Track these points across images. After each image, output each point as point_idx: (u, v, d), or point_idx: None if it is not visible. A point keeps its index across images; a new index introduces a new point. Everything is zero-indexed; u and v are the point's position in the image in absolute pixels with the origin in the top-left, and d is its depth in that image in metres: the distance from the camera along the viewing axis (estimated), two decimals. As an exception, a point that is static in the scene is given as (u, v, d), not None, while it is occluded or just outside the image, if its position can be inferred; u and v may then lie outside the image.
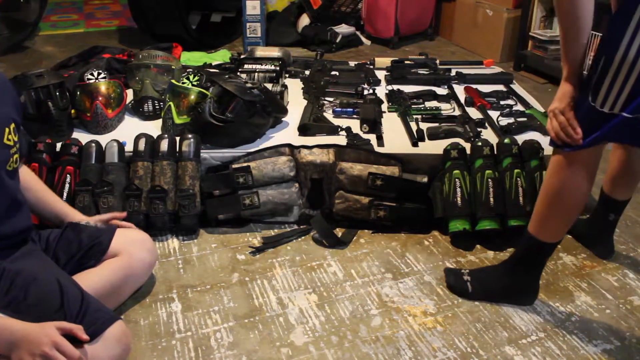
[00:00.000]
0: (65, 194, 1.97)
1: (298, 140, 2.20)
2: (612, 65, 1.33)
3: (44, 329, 1.22)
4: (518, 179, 2.00)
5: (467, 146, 2.14)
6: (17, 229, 1.47)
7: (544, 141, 2.00)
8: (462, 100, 2.59)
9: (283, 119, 2.36)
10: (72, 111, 2.28)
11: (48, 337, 1.20)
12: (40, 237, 1.59)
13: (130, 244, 1.68)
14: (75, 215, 1.73)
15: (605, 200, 1.92)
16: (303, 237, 2.09)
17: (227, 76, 2.31)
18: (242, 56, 2.92)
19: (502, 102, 2.60)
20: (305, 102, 2.52)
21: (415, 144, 2.21)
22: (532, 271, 1.72)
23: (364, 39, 4.35)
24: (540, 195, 1.61)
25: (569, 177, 1.52)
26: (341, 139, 2.21)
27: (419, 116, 2.41)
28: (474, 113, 2.47)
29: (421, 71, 2.90)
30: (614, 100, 1.35)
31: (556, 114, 1.47)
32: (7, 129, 1.42)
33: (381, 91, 2.70)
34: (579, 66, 1.44)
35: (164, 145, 2.10)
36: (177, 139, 2.13)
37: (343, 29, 4.21)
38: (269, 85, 2.45)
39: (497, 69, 3.09)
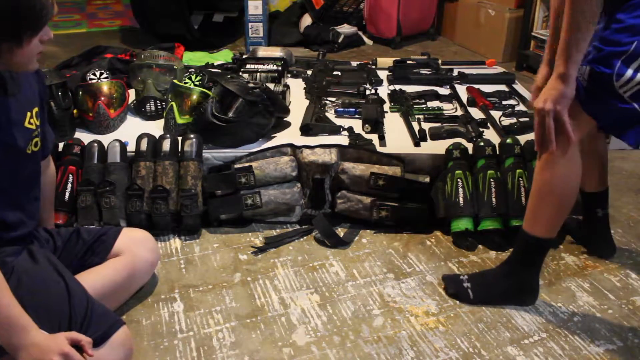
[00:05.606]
0: (67, 194, 1.98)
1: (300, 140, 2.20)
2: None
3: (55, 339, 1.23)
4: (520, 179, 2.00)
5: (469, 146, 2.14)
6: (29, 217, 1.47)
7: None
8: (465, 100, 2.58)
9: (285, 119, 2.36)
10: (75, 111, 2.28)
11: (58, 347, 1.21)
12: (45, 237, 1.59)
13: (133, 243, 1.68)
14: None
15: (586, 197, 1.92)
16: (305, 237, 2.09)
17: (229, 76, 2.32)
18: (244, 56, 2.92)
19: (504, 102, 2.59)
20: (307, 102, 2.52)
21: (417, 144, 2.21)
22: (530, 270, 1.72)
23: (366, 39, 4.34)
24: (532, 191, 1.62)
25: (560, 169, 1.53)
26: (343, 139, 2.21)
27: (421, 116, 2.41)
28: (476, 113, 2.47)
29: (423, 71, 2.90)
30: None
31: (550, 116, 1.42)
32: (29, 113, 1.43)
33: (383, 91, 2.69)
34: (578, 66, 1.40)
35: (166, 145, 2.10)
36: (179, 139, 2.14)
37: (345, 29, 4.21)
38: (271, 85, 2.45)
39: (499, 69, 3.09)
